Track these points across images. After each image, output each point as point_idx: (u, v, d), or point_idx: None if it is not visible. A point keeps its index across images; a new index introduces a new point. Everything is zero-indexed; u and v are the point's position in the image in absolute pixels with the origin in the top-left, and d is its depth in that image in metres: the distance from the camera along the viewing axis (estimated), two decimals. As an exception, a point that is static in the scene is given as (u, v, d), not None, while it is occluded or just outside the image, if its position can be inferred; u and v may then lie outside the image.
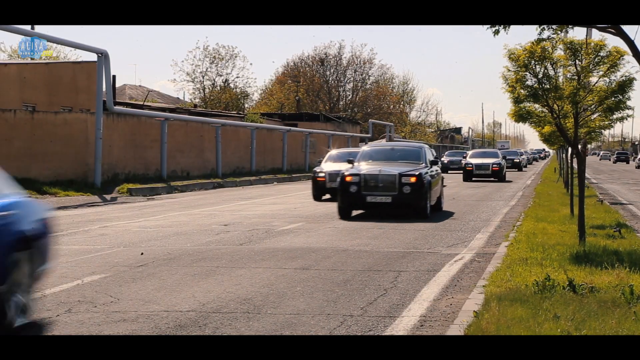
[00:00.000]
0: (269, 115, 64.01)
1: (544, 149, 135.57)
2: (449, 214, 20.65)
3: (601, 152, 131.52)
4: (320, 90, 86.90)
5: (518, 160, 62.16)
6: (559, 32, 12.06)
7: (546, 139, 22.41)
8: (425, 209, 19.20)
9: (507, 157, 50.62)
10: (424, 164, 20.28)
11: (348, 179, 19.39)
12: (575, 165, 18.52)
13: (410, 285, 10.23)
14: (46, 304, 8.92)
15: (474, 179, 42.26)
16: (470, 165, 42.87)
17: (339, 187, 19.61)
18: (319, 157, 40.51)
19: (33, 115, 31.28)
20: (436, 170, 20.93)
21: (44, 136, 30.61)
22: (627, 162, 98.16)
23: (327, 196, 26.10)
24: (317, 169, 26.97)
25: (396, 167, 19.73)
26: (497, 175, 42.14)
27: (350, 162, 21.30)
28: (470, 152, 48.93)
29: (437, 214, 20.60)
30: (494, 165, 42.28)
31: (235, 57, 75.71)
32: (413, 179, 19.06)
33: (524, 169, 67.29)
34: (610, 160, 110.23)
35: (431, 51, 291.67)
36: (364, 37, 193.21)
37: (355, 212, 20.39)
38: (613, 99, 13.06)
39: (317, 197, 26.42)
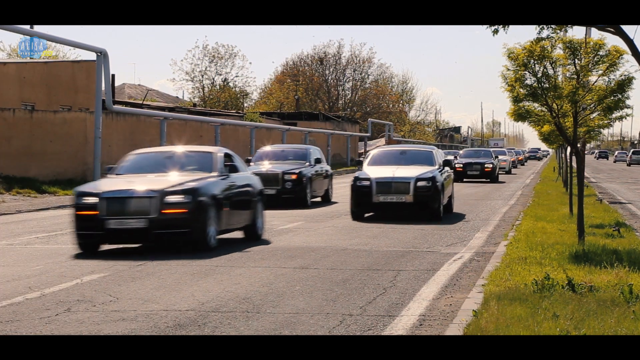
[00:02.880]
0: (268, 114, 64.03)
1: (539, 149, 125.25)
2: (448, 214, 20.63)
3: (596, 151, 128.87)
4: (319, 89, 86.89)
5: (490, 166, 40.38)
6: (558, 31, 12.07)
7: (545, 138, 22.37)
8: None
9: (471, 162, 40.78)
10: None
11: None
12: (574, 164, 18.53)
13: (410, 284, 10.23)
14: (45, 303, 8.92)
15: (465, 180, 38.93)
16: (461, 166, 39.14)
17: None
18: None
19: (32, 115, 31.27)
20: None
21: (43, 135, 30.60)
22: (607, 159, 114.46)
23: None
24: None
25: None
26: (489, 176, 39.64)
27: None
28: (462, 152, 46.16)
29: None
30: (486, 166, 39.63)
31: (235, 56, 75.82)
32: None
33: (510, 173, 52.78)
34: (607, 159, 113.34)
35: (430, 50, 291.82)
36: (363, 37, 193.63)
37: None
38: (612, 98, 13.06)
39: None
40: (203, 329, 7.73)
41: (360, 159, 23.66)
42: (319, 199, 24.82)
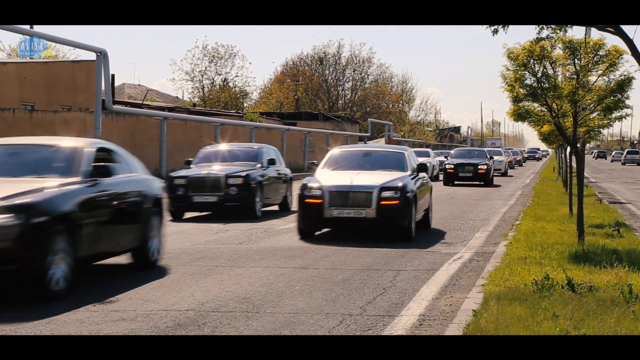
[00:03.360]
0: (268, 114, 64.02)
1: (538, 149, 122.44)
2: (448, 213, 20.64)
3: (594, 151, 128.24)
4: (319, 89, 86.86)
5: (484, 168, 35.64)
6: (558, 31, 12.07)
7: (545, 138, 22.36)
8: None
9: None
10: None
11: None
12: (574, 164, 18.53)
13: (409, 284, 10.23)
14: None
15: (456, 182, 35.91)
16: (452, 167, 35.89)
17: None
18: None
19: (32, 114, 31.28)
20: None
21: (43, 135, 30.60)
22: (605, 158, 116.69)
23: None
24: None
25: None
26: (483, 178, 35.47)
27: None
28: (453, 151, 41.88)
29: (437, 213, 20.53)
30: (480, 167, 35.46)
31: (234, 56, 75.75)
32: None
33: (506, 175, 48.28)
34: (605, 158, 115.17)
35: (430, 50, 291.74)
36: (363, 36, 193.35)
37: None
38: (612, 98, 13.06)
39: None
40: (203, 329, 7.73)
41: (314, 161, 18.13)
42: (275, 208, 21.04)
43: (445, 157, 37.25)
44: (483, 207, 23.30)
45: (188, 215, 19.28)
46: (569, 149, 20.41)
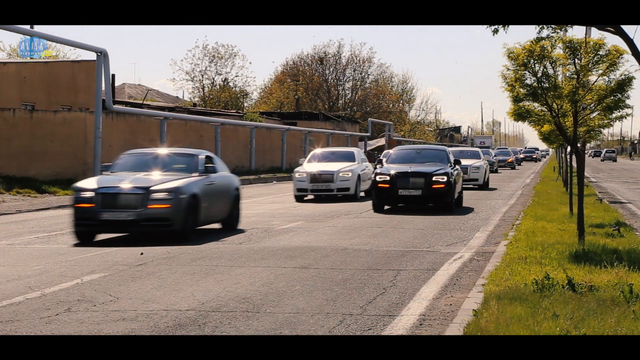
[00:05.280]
0: (268, 114, 64.03)
1: (536, 149, 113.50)
2: (448, 213, 20.64)
3: (591, 151, 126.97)
4: (319, 89, 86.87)
5: (442, 181, 20.96)
6: (558, 31, 12.07)
7: (545, 137, 22.37)
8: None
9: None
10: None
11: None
12: (574, 164, 18.53)
13: (410, 284, 10.23)
14: (45, 303, 8.92)
15: (389, 208, 21.84)
16: (386, 180, 21.04)
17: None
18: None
19: (32, 114, 31.28)
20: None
21: (43, 135, 30.61)
22: (600, 156, 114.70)
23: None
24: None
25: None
26: (438, 198, 21.12)
27: None
28: (392, 151, 24.79)
29: (437, 213, 20.61)
30: (434, 180, 20.99)
31: (235, 56, 75.82)
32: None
33: (485, 187, 32.74)
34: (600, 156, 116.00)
35: (431, 50, 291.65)
36: (363, 36, 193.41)
37: (352, 210, 20.38)
38: (612, 97, 13.06)
39: None
40: (203, 329, 7.73)
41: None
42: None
43: (380, 161, 23.53)
44: (483, 206, 23.29)
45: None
46: (569, 148, 20.41)
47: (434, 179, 20.74)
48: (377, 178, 21.10)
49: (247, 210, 21.91)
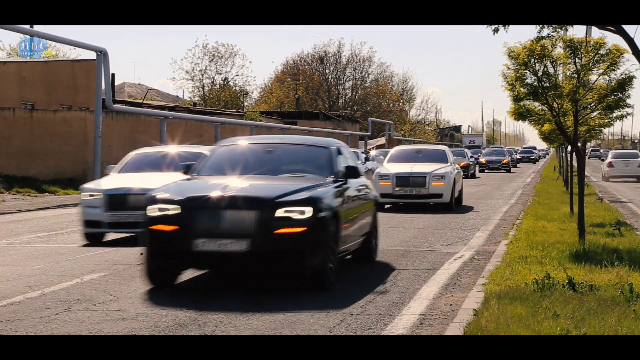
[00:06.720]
0: (269, 113, 64.04)
1: (534, 148, 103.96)
2: (448, 213, 20.63)
3: (588, 150, 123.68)
4: (319, 88, 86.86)
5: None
6: (559, 30, 12.06)
7: (546, 137, 22.36)
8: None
9: None
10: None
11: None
12: (575, 163, 18.53)
13: (410, 283, 10.22)
14: (45, 302, 8.91)
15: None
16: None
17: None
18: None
19: (32, 114, 31.29)
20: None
21: (43, 134, 30.62)
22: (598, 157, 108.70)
23: None
24: None
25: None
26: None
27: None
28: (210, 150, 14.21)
29: (437, 212, 20.60)
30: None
31: (235, 55, 75.75)
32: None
33: (450, 210, 21.90)
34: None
35: (431, 49, 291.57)
36: (364, 35, 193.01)
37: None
38: (613, 97, 13.05)
39: None
40: (203, 329, 7.73)
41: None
42: None
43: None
44: (484, 206, 23.29)
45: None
46: (569, 148, 20.40)
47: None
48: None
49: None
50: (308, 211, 9.08)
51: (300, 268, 9.19)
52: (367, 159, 28.65)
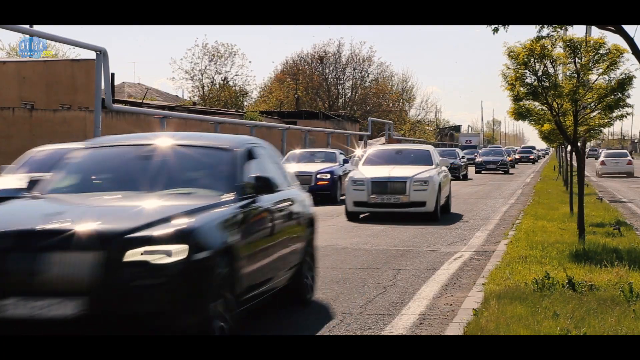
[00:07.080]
0: (268, 113, 64.01)
1: (533, 147, 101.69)
2: (448, 212, 20.61)
3: (587, 150, 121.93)
4: (319, 88, 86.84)
5: None
6: (559, 30, 12.06)
7: (546, 136, 22.36)
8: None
9: None
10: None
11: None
12: (574, 163, 18.52)
13: (410, 283, 10.23)
14: (46, 302, 8.89)
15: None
16: None
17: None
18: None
19: (32, 114, 31.29)
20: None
21: (42, 134, 30.58)
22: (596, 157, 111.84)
23: None
24: None
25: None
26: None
27: None
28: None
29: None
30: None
31: (234, 55, 75.74)
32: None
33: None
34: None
35: (431, 49, 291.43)
36: (363, 35, 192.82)
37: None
38: (612, 96, 13.05)
39: None
40: (203, 329, 7.70)
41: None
42: None
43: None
44: (483, 206, 23.29)
45: None
46: (569, 147, 20.40)
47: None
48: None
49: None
50: (178, 251, 6.12)
51: (171, 333, 6.14)
52: (345, 161, 25.66)
